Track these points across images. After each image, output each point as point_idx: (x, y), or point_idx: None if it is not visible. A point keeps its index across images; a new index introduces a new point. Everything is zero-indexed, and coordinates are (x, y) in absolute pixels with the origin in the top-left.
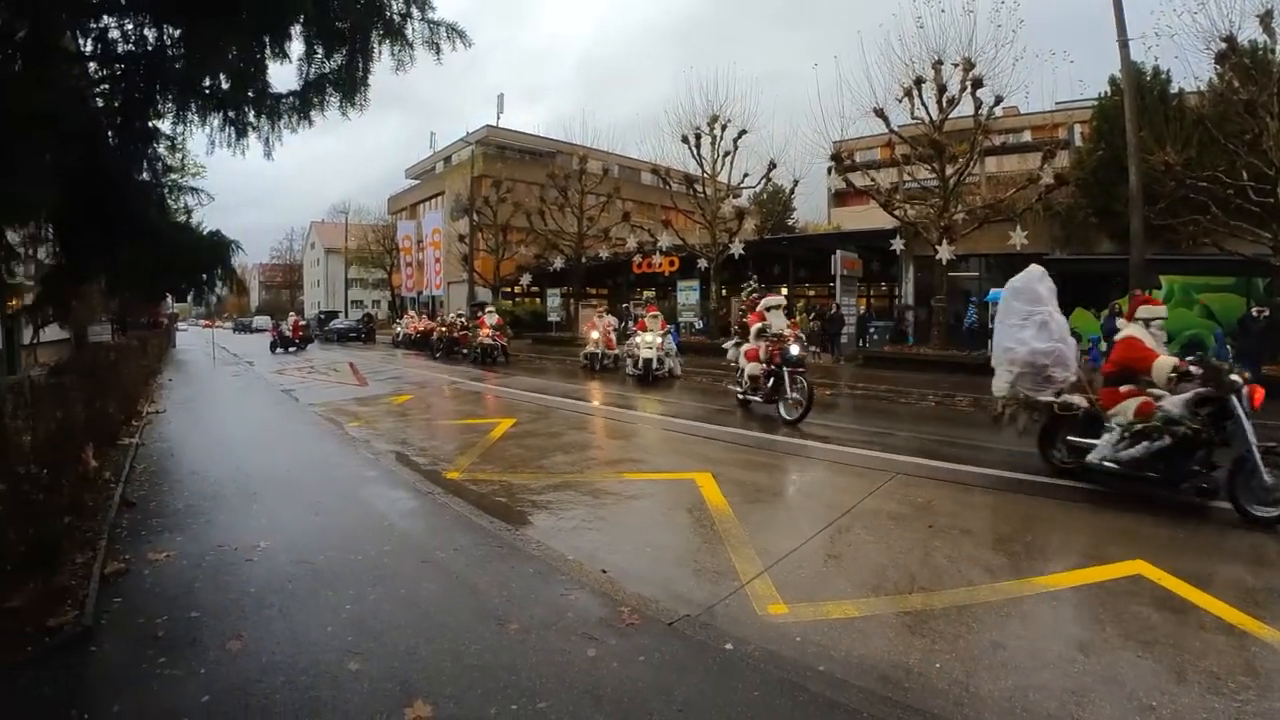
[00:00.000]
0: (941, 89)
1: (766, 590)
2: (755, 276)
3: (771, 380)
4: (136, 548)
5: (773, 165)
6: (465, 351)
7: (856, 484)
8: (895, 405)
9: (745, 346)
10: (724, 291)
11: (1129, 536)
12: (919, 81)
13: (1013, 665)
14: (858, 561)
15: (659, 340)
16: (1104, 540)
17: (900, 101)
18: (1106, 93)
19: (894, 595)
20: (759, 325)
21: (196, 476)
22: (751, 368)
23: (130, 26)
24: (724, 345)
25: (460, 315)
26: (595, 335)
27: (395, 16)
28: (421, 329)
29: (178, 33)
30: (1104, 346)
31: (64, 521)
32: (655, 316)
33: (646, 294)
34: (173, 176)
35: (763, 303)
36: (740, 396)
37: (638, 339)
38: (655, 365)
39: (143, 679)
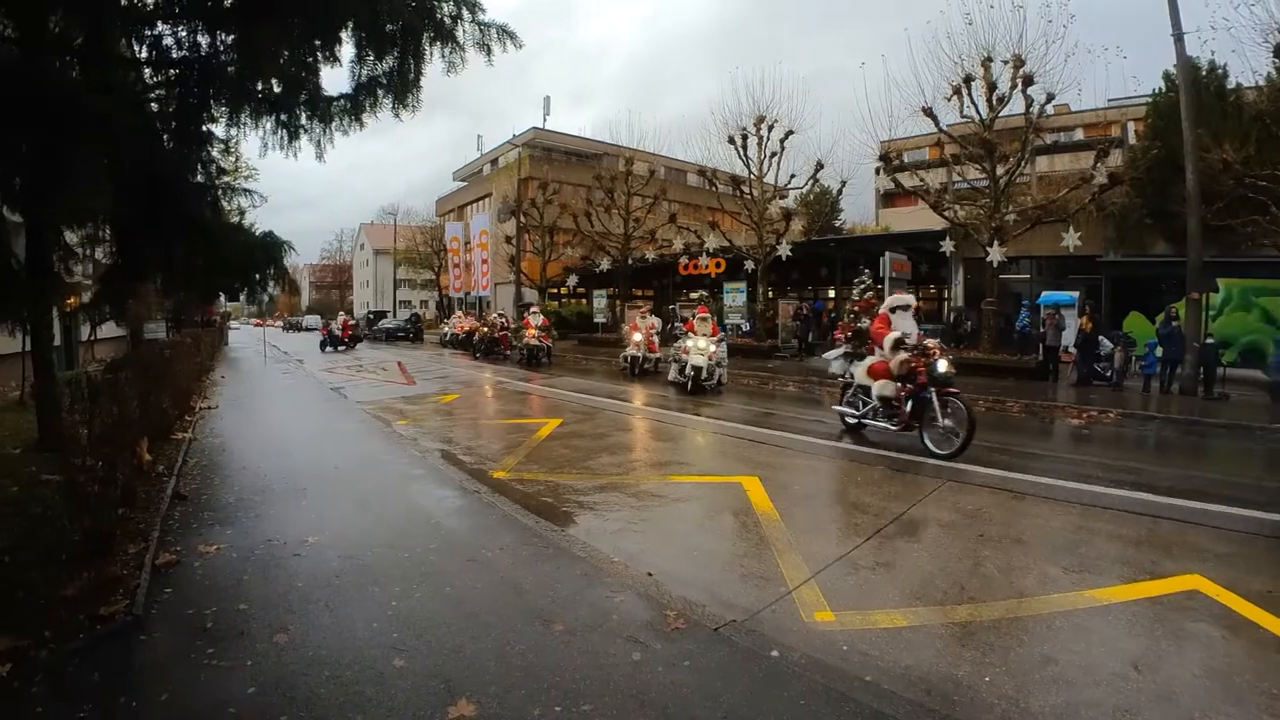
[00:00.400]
0: (991, 87)
1: (813, 597)
2: (868, 270)
3: (910, 404)
4: (187, 540)
5: (820, 166)
6: (508, 353)
7: (905, 490)
8: None
9: (868, 360)
10: (770, 293)
11: (1187, 550)
12: (968, 79)
13: (1064, 680)
14: (906, 570)
15: (712, 347)
16: (1161, 553)
17: (949, 100)
18: (1161, 89)
19: (943, 605)
20: (895, 335)
21: (247, 471)
22: (881, 387)
23: (184, 33)
24: (825, 355)
25: (501, 315)
26: (638, 337)
27: (446, 19)
28: (467, 329)
29: (230, 38)
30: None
31: (118, 513)
32: (705, 319)
33: (698, 294)
34: (225, 179)
35: (888, 301)
36: (852, 419)
37: (688, 343)
38: (704, 375)
39: (191, 669)
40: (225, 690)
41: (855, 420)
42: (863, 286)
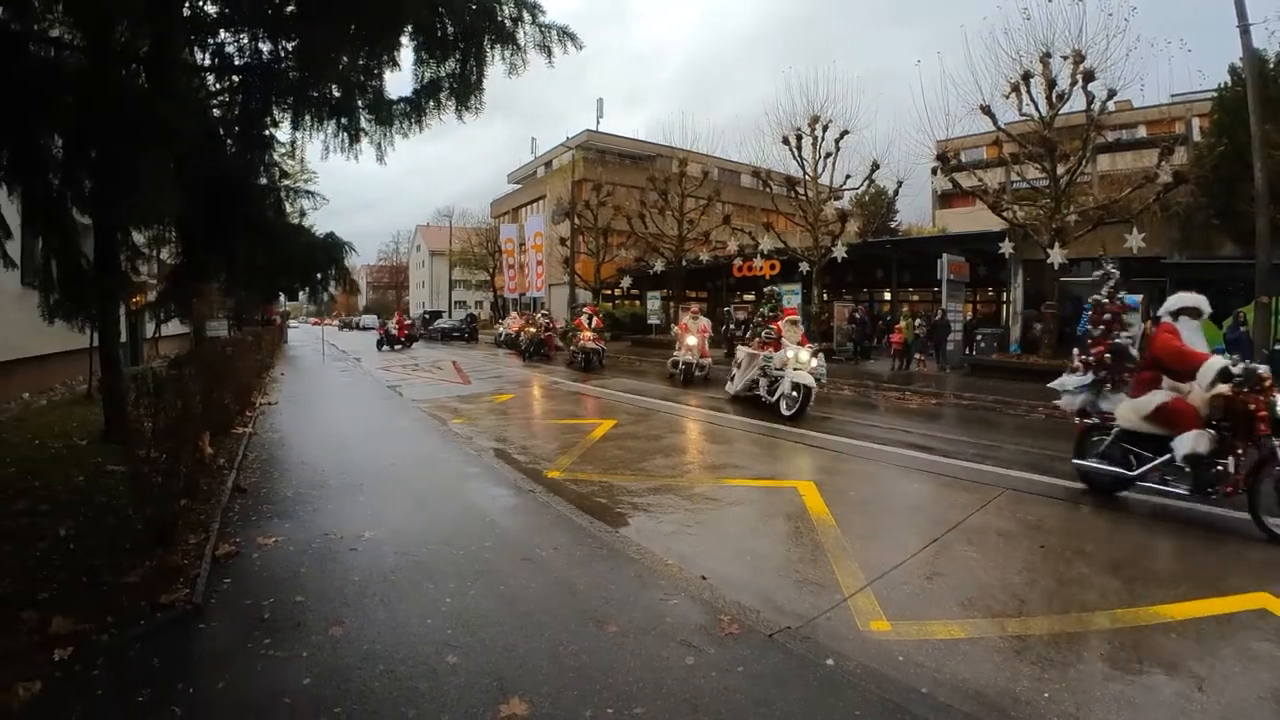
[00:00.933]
0: (1050, 83)
1: (869, 605)
2: (1111, 262)
3: (1225, 461)
4: (247, 532)
5: (876, 166)
6: (551, 354)
7: (964, 498)
8: (1004, 416)
9: (1155, 396)
10: (825, 296)
11: (1254, 567)
12: (1027, 76)
13: (1125, 699)
14: (964, 580)
15: (814, 361)
16: (1226, 570)
17: (1007, 98)
18: (1227, 83)
19: (1002, 617)
20: (1221, 362)
21: (305, 466)
22: (1194, 440)
23: (245, 40)
24: (1056, 384)
25: (545, 315)
26: (691, 341)
27: (507, 21)
28: (517, 330)
29: (291, 45)
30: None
31: (180, 504)
32: (795, 322)
33: (768, 289)
34: (287, 181)
35: (1170, 302)
36: (1109, 478)
37: (786, 354)
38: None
39: (248, 658)
40: (281, 680)
41: (1114, 479)
42: (1111, 283)
